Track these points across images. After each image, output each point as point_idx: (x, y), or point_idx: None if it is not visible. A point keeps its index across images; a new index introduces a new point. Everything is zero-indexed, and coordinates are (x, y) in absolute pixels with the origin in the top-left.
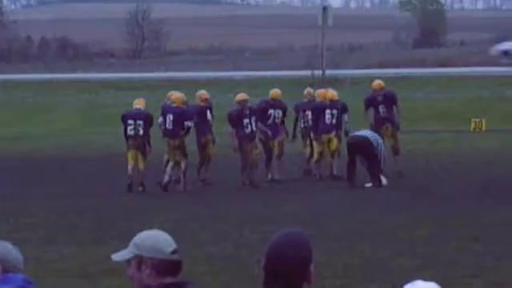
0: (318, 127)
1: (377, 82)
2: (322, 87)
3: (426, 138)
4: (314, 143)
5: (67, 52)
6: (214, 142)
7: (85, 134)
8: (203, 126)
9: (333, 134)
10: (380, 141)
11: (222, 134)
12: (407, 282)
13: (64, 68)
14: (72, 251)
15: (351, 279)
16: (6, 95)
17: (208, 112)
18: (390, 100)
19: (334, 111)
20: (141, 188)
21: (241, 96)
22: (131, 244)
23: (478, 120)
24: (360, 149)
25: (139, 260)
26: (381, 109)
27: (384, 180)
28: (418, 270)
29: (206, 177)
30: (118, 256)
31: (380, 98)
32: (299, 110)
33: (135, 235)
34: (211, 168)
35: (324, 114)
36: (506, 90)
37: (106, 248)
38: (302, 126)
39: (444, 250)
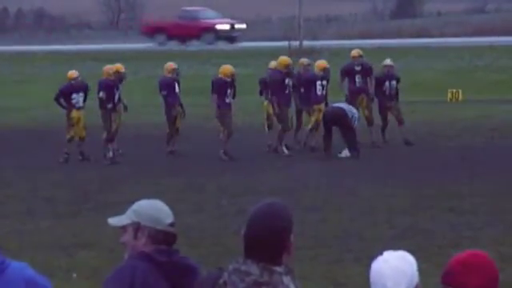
0: (310, 99)
1: (356, 51)
2: (299, 58)
3: (402, 108)
4: (306, 113)
5: (44, 23)
6: (183, 114)
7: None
8: (172, 98)
9: (322, 105)
10: (356, 115)
11: (198, 105)
12: (383, 252)
13: (40, 39)
14: (48, 224)
15: (327, 249)
16: None
17: (176, 84)
18: (366, 71)
19: (324, 82)
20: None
21: (228, 69)
22: (130, 210)
23: (454, 90)
24: (336, 120)
25: (137, 227)
26: (357, 79)
27: (346, 152)
28: (395, 240)
29: (175, 149)
30: (115, 220)
31: (358, 68)
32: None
33: (110, 207)
34: (185, 139)
35: (315, 86)
36: (482, 60)
37: (81, 220)
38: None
39: (421, 220)
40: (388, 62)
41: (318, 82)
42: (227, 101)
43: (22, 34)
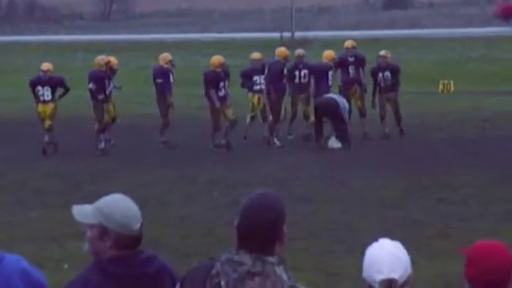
0: (321, 89)
1: (349, 42)
2: (292, 49)
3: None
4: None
5: (36, 14)
6: (172, 105)
7: None
8: (166, 87)
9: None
10: (347, 107)
11: (189, 96)
12: (378, 239)
13: (32, 30)
14: (39, 214)
15: (319, 240)
16: None
17: (171, 75)
18: (359, 62)
19: (332, 72)
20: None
21: (217, 59)
22: (96, 209)
23: (446, 81)
24: (328, 110)
25: (103, 230)
26: (350, 70)
27: (334, 140)
28: (386, 232)
29: (167, 139)
30: (80, 215)
31: (351, 59)
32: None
33: (100, 198)
34: (179, 131)
35: (327, 76)
36: (474, 51)
37: (71, 211)
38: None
39: (411, 211)
40: (382, 52)
41: (330, 73)
42: (221, 94)
43: (13, 25)
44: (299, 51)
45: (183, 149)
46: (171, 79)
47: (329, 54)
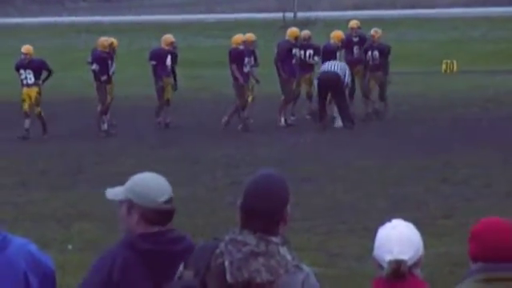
0: None
1: (354, 22)
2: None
3: (397, 79)
4: None
5: None
6: (175, 87)
7: (55, 78)
8: (161, 70)
9: None
10: (347, 71)
11: (191, 76)
12: (378, 223)
13: (34, 12)
14: (43, 195)
15: (322, 220)
16: None
17: (169, 56)
18: (363, 42)
19: (343, 53)
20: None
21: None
22: (125, 185)
23: (449, 61)
24: (331, 85)
25: (130, 204)
26: (355, 50)
27: (339, 122)
28: (389, 212)
29: (169, 121)
30: (111, 193)
31: (355, 40)
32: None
33: (105, 179)
34: (179, 111)
35: (336, 57)
36: (477, 31)
37: (75, 192)
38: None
39: (414, 191)
40: (372, 31)
41: (338, 54)
42: (245, 70)
43: (15, 6)
44: (305, 32)
45: (185, 129)
46: (168, 62)
47: (337, 35)
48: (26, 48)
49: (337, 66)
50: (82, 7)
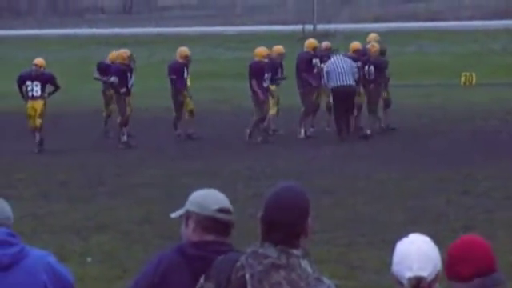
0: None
1: (373, 35)
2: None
3: (416, 91)
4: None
5: (58, 7)
6: (190, 97)
7: (75, 90)
8: (180, 83)
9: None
10: (355, 68)
11: (211, 88)
12: (397, 235)
13: (54, 24)
14: (62, 207)
15: (342, 233)
16: None
17: (185, 69)
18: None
19: (359, 64)
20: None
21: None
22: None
23: (468, 74)
24: (347, 99)
25: (187, 215)
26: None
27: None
28: (408, 224)
29: (192, 132)
30: (175, 213)
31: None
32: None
33: (124, 192)
34: (199, 123)
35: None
36: (496, 43)
37: (95, 204)
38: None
39: (434, 203)
40: (368, 45)
41: (354, 64)
42: (264, 85)
43: (35, 18)
44: (325, 44)
45: (205, 142)
46: (185, 74)
47: (354, 46)
48: (40, 61)
49: (349, 75)
50: (102, 19)
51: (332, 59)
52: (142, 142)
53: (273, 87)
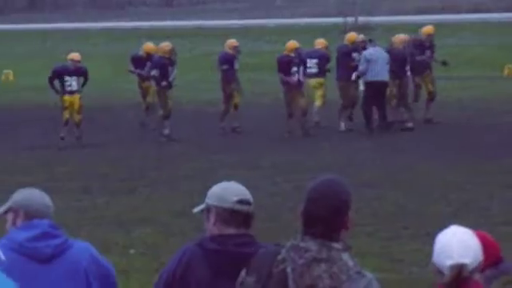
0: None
1: (430, 27)
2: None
3: (459, 84)
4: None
5: (98, 1)
6: (239, 90)
7: (116, 83)
8: (231, 74)
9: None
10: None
11: (252, 81)
12: (440, 228)
13: (95, 17)
14: (105, 200)
15: (384, 226)
16: (37, 45)
17: (235, 61)
18: (431, 47)
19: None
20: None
21: (292, 44)
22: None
23: (511, 66)
24: (379, 94)
25: (208, 209)
26: (427, 53)
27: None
28: (452, 217)
29: (236, 125)
30: (197, 208)
31: (427, 44)
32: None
33: (166, 184)
34: (240, 116)
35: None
36: None
37: (137, 197)
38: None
39: (477, 197)
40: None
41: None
42: (294, 79)
43: (76, 12)
44: (361, 36)
45: (246, 134)
46: (236, 66)
47: (400, 39)
48: (76, 55)
49: (385, 70)
50: (143, 12)
51: (371, 49)
52: (183, 135)
53: (321, 80)
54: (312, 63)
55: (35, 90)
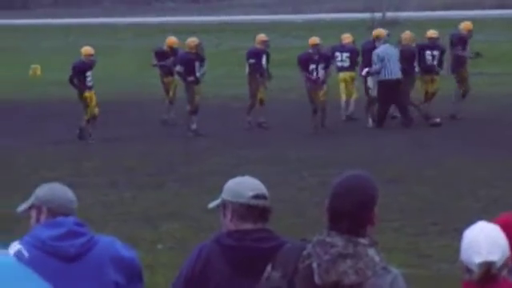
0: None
1: (468, 23)
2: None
3: (485, 80)
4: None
5: None
6: (264, 85)
7: (143, 78)
8: (256, 68)
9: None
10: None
11: (279, 77)
12: (469, 224)
13: (123, 12)
14: (132, 195)
15: (411, 222)
16: (63, 40)
17: (264, 56)
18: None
19: (435, 52)
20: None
21: (312, 40)
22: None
23: None
24: (392, 92)
25: (224, 205)
26: (462, 48)
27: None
28: (480, 213)
29: (262, 121)
30: (212, 204)
31: (468, 40)
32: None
33: (193, 179)
34: (266, 112)
35: (425, 55)
36: None
37: (165, 192)
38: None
39: (506, 193)
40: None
41: (428, 52)
42: (314, 75)
43: (103, 7)
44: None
45: (273, 129)
46: (263, 61)
47: (428, 34)
48: (90, 49)
49: (397, 67)
50: (170, 7)
51: (382, 47)
52: (210, 130)
53: (353, 74)
54: (344, 57)
55: (62, 84)
